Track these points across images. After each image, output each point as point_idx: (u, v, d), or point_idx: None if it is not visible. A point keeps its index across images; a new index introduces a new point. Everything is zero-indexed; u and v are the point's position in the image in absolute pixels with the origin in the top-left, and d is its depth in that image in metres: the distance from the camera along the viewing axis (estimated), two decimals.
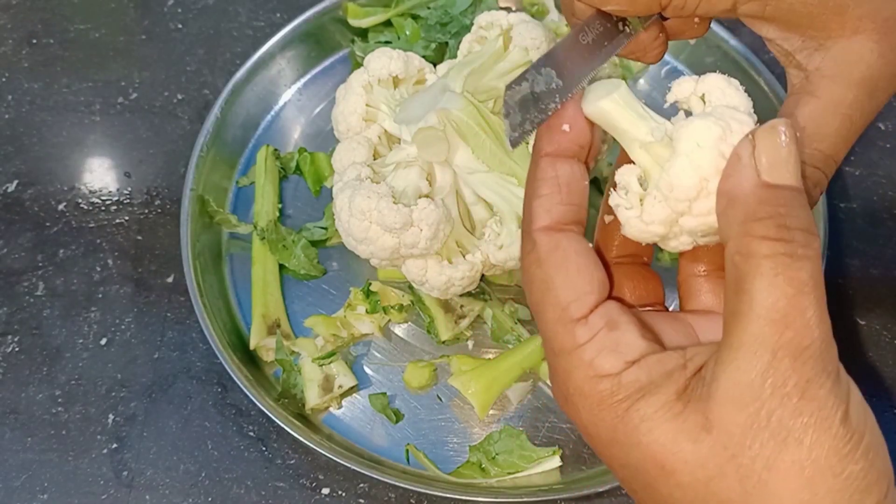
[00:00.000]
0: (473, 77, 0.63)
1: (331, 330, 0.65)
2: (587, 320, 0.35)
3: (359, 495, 0.61)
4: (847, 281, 0.68)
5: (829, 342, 0.33)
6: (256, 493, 0.61)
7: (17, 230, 0.72)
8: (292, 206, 0.72)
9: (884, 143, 0.74)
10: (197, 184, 0.69)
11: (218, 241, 0.70)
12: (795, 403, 0.32)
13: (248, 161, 0.73)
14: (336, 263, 0.69)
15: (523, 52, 0.65)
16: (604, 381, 0.34)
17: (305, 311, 0.67)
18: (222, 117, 0.72)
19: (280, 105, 0.76)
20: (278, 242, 0.68)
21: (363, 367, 0.65)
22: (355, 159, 0.62)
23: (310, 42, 0.77)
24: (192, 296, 0.64)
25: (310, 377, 0.63)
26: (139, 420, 0.64)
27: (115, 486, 0.62)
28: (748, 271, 0.32)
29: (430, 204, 0.57)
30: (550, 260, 0.36)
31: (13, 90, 0.79)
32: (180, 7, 0.83)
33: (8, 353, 0.67)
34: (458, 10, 0.75)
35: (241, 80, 0.73)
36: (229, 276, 0.69)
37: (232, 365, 0.61)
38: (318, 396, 0.63)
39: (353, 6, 0.76)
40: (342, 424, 0.63)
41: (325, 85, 0.77)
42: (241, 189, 0.73)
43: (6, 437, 0.64)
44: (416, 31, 0.76)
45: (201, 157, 0.70)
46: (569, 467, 0.60)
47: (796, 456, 0.32)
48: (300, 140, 0.75)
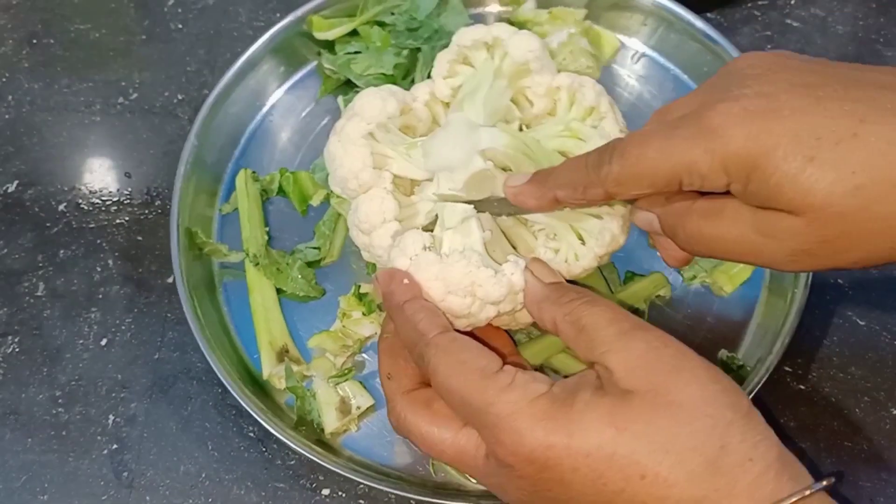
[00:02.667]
0: (488, 105, 0.59)
1: (337, 342, 0.64)
2: (503, 369, 0.46)
3: (359, 496, 0.61)
4: (847, 281, 0.68)
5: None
6: (256, 494, 0.61)
7: (18, 230, 0.72)
8: (278, 228, 0.70)
9: None
10: (182, 217, 0.67)
11: (209, 271, 0.68)
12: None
13: (229, 187, 0.72)
14: (331, 283, 0.67)
15: (517, 64, 0.61)
16: (541, 399, 0.44)
17: (309, 334, 0.65)
18: (199, 144, 0.70)
19: (254, 126, 0.74)
20: (272, 266, 0.67)
21: (377, 386, 0.63)
22: (386, 215, 0.56)
23: (277, 58, 0.75)
24: (194, 329, 0.62)
25: (326, 401, 0.62)
26: (139, 421, 0.64)
27: (115, 486, 0.62)
28: (570, 322, 0.49)
29: (517, 261, 0.54)
30: (453, 347, 0.47)
31: (13, 90, 0.79)
32: (180, 7, 0.83)
33: (8, 353, 0.67)
34: (424, 14, 0.74)
35: (216, 102, 0.71)
36: (225, 305, 0.67)
37: (245, 398, 0.60)
38: (337, 420, 0.61)
39: (317, 19, 0.74)
40: (361, 446, 0.62)
41: (299, 101, 0.75)
42: (226, 216, 0.71)
43: (6, 437, 0.64)
44: (385, 39, 0.74)
45: (183, 188, 0.68)
46: None
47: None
48: (279, 158, 0.73)
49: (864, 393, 0.63)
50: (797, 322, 0.61)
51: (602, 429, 0.41)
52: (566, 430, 0.42)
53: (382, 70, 0.73)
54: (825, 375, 0.64)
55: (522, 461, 0.43)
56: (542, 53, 0.61)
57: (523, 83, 0.62)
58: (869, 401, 0.63)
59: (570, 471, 0.42)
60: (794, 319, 0.61)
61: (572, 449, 0.41)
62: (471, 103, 0.59)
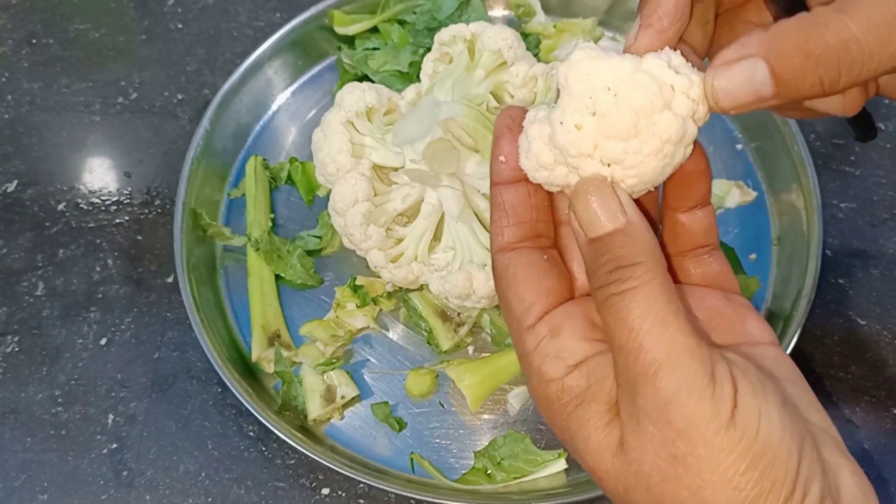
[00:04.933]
0: (457, 88, 0.63)
1: (328, 332, 0.65)
2: (534, 329, 0.38)
3: (358, 496, 0.61)
4: (847, 281, 0.68)
5: (682, 360, 0.33)
6: (256, 494, 0.61)
7: (17, 230, 0.72)
8: (284, 216, 0.71)
9: (884, 144, 0.74)
10: (189, 197, 0.68)
11: (212, 254, 0.69)
12: (665, 422, 0.34)
13: (239, 173, 0.73)
14: (331, 272, 0.69)
15: (493, 55, 0.65)
16: (550, 385, 0.37)
17: (304, 322, 0.66)
18: (212, 129, 0.71)
19: (269, 115, 0.76)
20: (273, 253, 0.67)
21: (364, 377, 0.65)
22: (358, 196, 0.61)
23: (297, 51, 0.76)
24: (189, 310, 0.63)
25: (311, 388, 0.63)
26: (139, 420, 0.64)
27: (115, 486, 0.62)
28: (602, 318, 0.36)
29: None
30: (504, 278, 0.40)
31: (13, 90, 0.79)
32: (180, 7, 0.83)
33: (8, 353, 0.67)
34: (445, 15, 0.75)
35: (230, 91, 0.73)
36: (224, 288, 0.68)
37: (231, 379, 0.61)
38: (321, 407, 0.62)
39: (338, 14, 0.76)
40: (344, 435, 0.63)
41: (314, 93, 0.77)
42: (233, 201, 0.72)
43: (6, 437, 0.64)
44: (403, 37, 0.75)
45: (192, 169, 0.69)
46: (574, 470, 0.60)
47: (682, 470, 0.33)
48: (290, 149, 0.75)
49: (864, 393, 0.63)
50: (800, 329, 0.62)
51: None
52: (574, 445, 0.38)
53: (398, 67, 0.74)
54: (825, 375, 0.64)
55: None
56: (516, 43, 0.64)
57: (501, 78, 0.65)
58: (869, 401, 0.63)
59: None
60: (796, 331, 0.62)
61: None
62: (440, 86, 0.63)
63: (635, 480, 0.35)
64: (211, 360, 0.62)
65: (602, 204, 0.36)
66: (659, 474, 0.34)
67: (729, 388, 0.33)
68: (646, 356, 0.33)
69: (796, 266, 0.65)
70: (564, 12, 0.78)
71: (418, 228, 0.63)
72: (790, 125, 0.69)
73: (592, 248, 0.36)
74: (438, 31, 0.68)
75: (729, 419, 0.33)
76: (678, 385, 0.33)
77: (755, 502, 0.33)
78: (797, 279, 0.64)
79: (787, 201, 0.69)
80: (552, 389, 0.37)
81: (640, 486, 0.35)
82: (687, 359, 0.33)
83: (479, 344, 0.66)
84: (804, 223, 0.66)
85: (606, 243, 0.36)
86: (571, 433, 0.37)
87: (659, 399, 0.33)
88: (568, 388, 0.37)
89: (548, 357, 0.38)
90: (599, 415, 0.36)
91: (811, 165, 0.68)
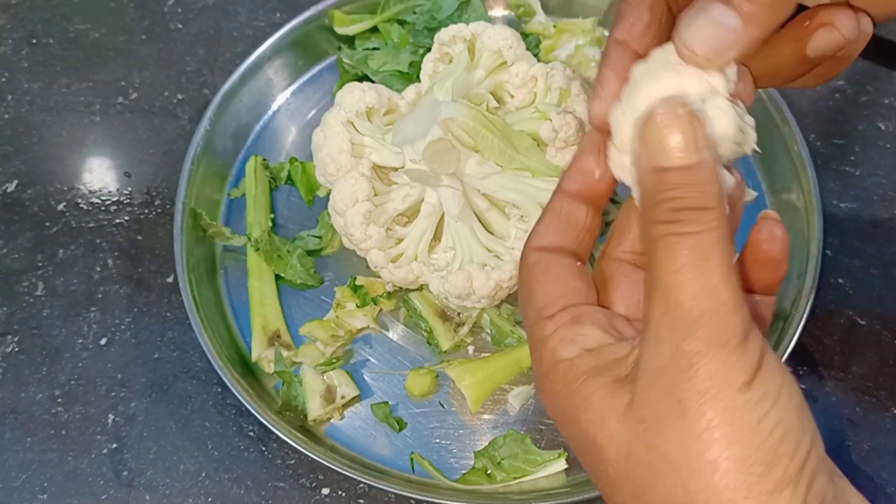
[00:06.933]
0: (457, 88, 0.63)
1: (328, 332, 0.65)
2: (555, 317, 0.38)
3: (358, 495, 0.61)
4: (847, 281, 0.68)
5: (724, 312, 0.32)
6: (256, 493, 0.61)
7: (17, 230, 0.72)
8: (284, 216, 0.71)
9: (884, 143, 0.74)
10: (189, 197, 0.68)
11: (212, 254, 0.69)
12: (689, 377, 0.32)
13: (239, 172, 0.73)
14: (331, 272, 0.68)
15: (493, 55, 0.65)
16: (559, 365, 0.37)
17: (304, 322, 0.66)
18: (212, 129, 0.71)
19: (269, 115, 0.76)
20: (273, 253, 0.67)
21: (364, 377, 0.65)
22: (358, 196, 0.61)
23: (297, 51, 0.76)
24: (189, 310, 0.63)
25: (311, 388, 0.62)
26: (139, 420, 0.64)
27: (114, 486, 0.62)
28: (649, 254, 0.33)
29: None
30: (535, 271, 0.40)
31: (13, 90, 0.79)
32: (180, 7, 0.83)
33: (7, 353, 0.67)
34: (445, 15, 0.75)
35: (230, 91, 0.73)
36: (224, 288, 0.68)
37: (231, 379, 0.61)
38: (321, 407, 0.62)
39: (338, 14, 0.76)
40: (344, 435, 0.63)
41: (314, 93, 0.77)
42: (233, 201, 0.72)
43: (6, 437, 0.64)
44: (403, 37, 0.75)
45: (192, 169, 0.69)
46: (574, 470, 0.60)
47: (696, 431, 0.32)
48: (290, 149, 0.75)
49: (864, 393, 0.63)
50: (800, 329, 0.62)
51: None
52: (573, 420, 0.37)
53: (398, 67, 0.74)
54: (825, 375, 0.64)
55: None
56: (516, 43, 0.65)
57: (501, 77, 0.65)
58: (869, 401, 0.63)
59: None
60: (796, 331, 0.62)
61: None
62: (440, 86, 0.63)
63: (640, 441, 0.33)
64: (211, 360, 0.62)
65: (682, 130, 0.33)
66: (664, 436, 0.32)
67: (754, 354, 0.32)
68: (692, 301, 0.32)
69: (796, 266, 0.65)
70: (564, 12, 0.78)
71: (418, 228, 0.63)
72: (790, 125, 0.69)
73: (656, 178, 0.33)
74: (438, 31, 0.68)
75: (750, 382, 0.32)
76: (716, 335, 0.32)
77: (768, 465, 0.32)
78: (797, 279, 0.64)
79: (787, 201, 0.69)
80: (560, 369, 0.36)
81: (642, 447, 0.33)
82: (730, 314, 0.32)
83: (479, 344, 0.66)
84: (804, 223, 0.66)
85: (677, 177, 0.33)
86: (574, 405, 0.36)
87: (693, 346, 0.32)
88: (576, 366, 0.36)
89: (564, 339, 0.37)
90: (606, 385, 0.35)
91: (811, 165, 0.68)
